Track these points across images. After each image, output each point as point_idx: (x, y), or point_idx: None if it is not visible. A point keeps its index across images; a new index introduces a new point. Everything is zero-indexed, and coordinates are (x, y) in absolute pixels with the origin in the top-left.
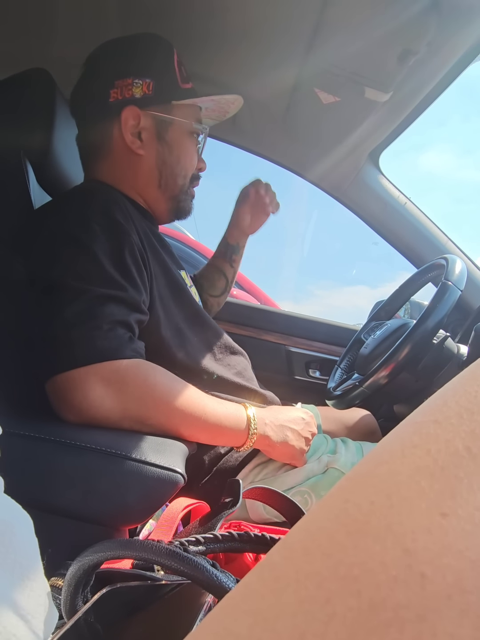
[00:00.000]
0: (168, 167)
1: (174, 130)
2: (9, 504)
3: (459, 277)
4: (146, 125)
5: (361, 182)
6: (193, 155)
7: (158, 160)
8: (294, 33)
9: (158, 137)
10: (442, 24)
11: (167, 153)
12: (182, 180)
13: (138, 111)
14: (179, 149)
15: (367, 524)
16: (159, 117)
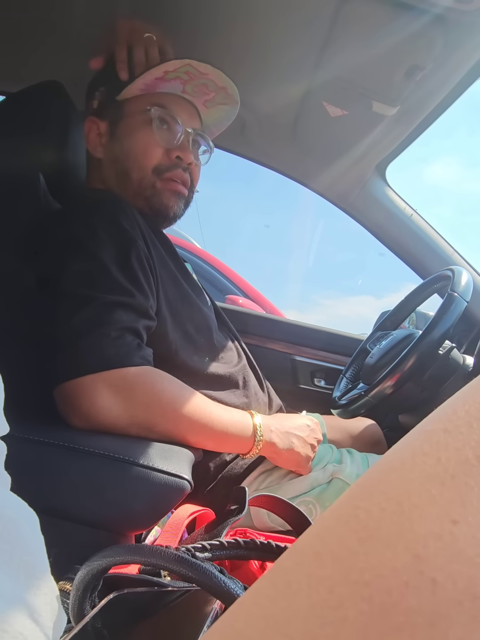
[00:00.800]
0: (120, 163)
1: (124, 125)
2: (16, 502)
3: (465, 289)
4: (103, 131)
5: (368, 194)
6: (148, 145)
7: (112, 159)
8: (302, 47)
9: (111, 137)
10: (448, 39)
11: (118, 149)
12: (137, 173)
13: (94, 119)
14: (129, 142)
15: (378, 530)
16: (112, 118)
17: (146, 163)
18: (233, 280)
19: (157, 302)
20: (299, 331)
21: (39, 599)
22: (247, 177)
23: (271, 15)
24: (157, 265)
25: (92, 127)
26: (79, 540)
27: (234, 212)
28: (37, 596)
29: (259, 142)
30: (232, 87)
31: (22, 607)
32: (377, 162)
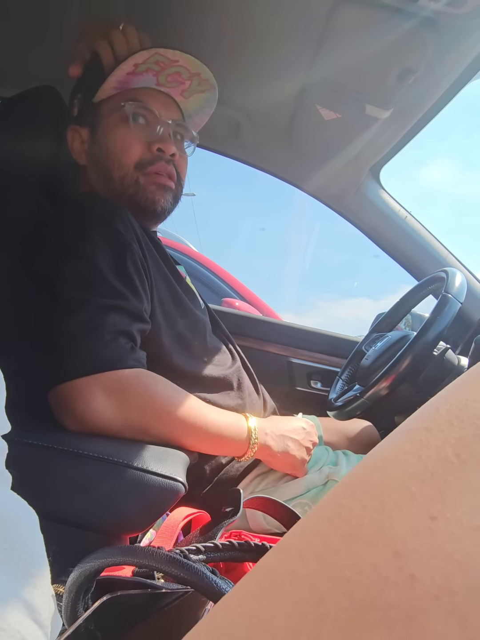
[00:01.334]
0: (101, 165)
1: (102, 127)
2: (16, 500)
3: (459, 290)
4: (84, 137)
5: (362, 196)
6: (125, 141)
7: (94, 162)
8: (295, 51)
9: (92, 142)
10: (440, 43)
11: (98, 151)
12: (118, 172)
13: (75, 127)
14: (106, 142)
15: (360, 528)
16: (91, 122)
17: (126, 160)
18: (229, 283)
19: (151, 305)
20: (295, 333)
21: (37, 597)
22: (242, 181)
23: (264, 19)
24: (151, 268)
25: (74, 136)
26: (73, 543)
27: (230, 215)
28: (35, 595)
29: (253, 145)
30: (205, 71)
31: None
32: (371, 165)
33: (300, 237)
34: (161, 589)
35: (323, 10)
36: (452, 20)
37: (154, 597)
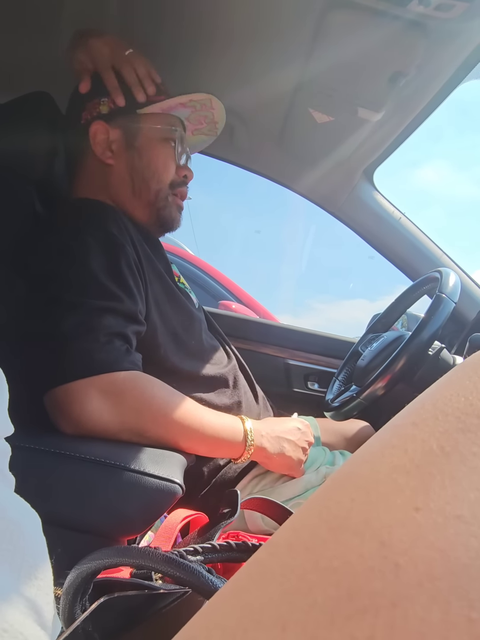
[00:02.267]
0: (138, 172)
1: (143, 137)
2: (19, 502)
3: (453, 290)
4: (115, 137)
5: (356, 198)
6: (167, 161)
7: (127, 166)
8: (287, 55)
9: (127, 146)
10: (430, 46)
11: (137, 158)
12: (157, 185)
13: (105, 125)
14: (149, 154)
15: (347, 520)
16: (127, 127)
17: (165, 177)
18: (226, 286)
19: (146, 307)
20: (292, 335)
21: (40, 598)
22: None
23: (256, 24)
24: (145, 268)
25: (100, 130)
26: (72, 546)
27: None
28: (38, 596)
29: (247, 148)
30: (222, 122)
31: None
32: (364, 167)
33: (295, 239)
34: (159, 590)
35: (314, 15)
36: (442, 24)
37: (152, 598)
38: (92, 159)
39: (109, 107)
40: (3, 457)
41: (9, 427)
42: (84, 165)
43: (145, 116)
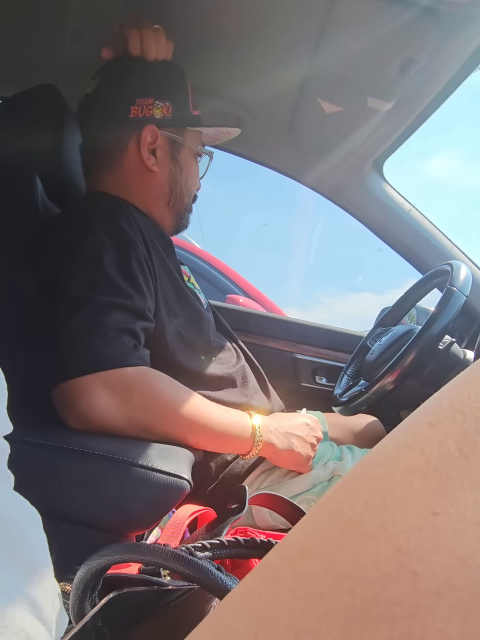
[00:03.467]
0: (178, 186)
1: (184, 152)
2: (18, 500)
3: (464, 283)
4: (161, 145)
5: (365, 190)
6: (197, 176)
7: (170, 178)
8: (295, 44)
9: (171, 157)
10: (442, 33)
11: (178, 173)
12: (188, 199)
13: (157, 130)
14: (187, 170)
15: (361, 524)
16: (174, 139)
17: (193, 191)
18: (233, 280)
19: (155, 304)
20: (299, 329)
21: (41, 595)
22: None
23: (263, 12)
24: (156, 265)
25: (151, 135)
26: (80, 542)
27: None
28: (39, 592)
29: (254, 140)
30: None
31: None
32: (373, 158)
33: (303, 232)
34: (167, 585)
35: (323, 2)
36: (454, 10)
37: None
38: (132, 158)
39: (163, 114)
40: (2, 455)
41: (8, 426)
42: (119, 161)
43: (189, 132)
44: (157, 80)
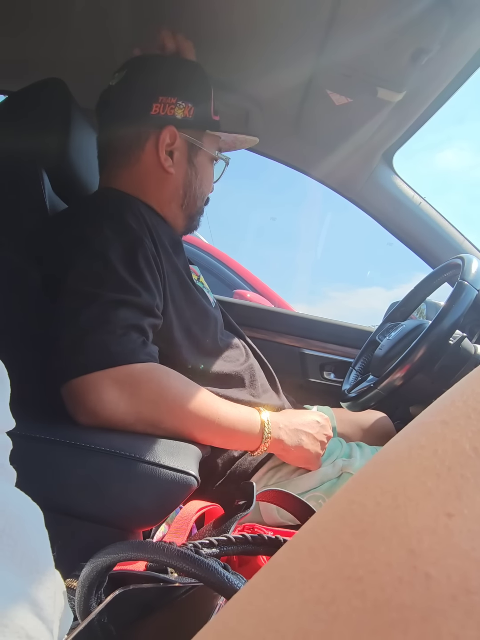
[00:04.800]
0: (192, 189)
1: (201, 156)
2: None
3: (476, 277)
4: (179, 147)
5: (375, 183)
6: (211, 180)
7: (185, 181)
8: (304, 35)
9: (188, 160)
10: (454, 22)
11: (194, 176)
12: (201, 202)
13: (176, 132)
14: (202, 174)
15: (373, 525)
16: (192, 142)
17: (206, 194)
18: (241, 275)
19: (163, 301)
20: (307, 324)
21: (42, 593)
22: (252, 169)
23: (272, 4)
24: (164, 263)
25: (170, 136)
26: (87, 538)
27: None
28: (40, 591)
29: (263, 133)
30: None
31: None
32: (383, 150)
33: (311, 226)
34: (174, 583)
35: None
36: None
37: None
38: (150, 157)
39: (184, 115)
40: (3, 451)
41: (10, 421)
42: (136, 158)
43: (208, 136)
44: (182, 80)
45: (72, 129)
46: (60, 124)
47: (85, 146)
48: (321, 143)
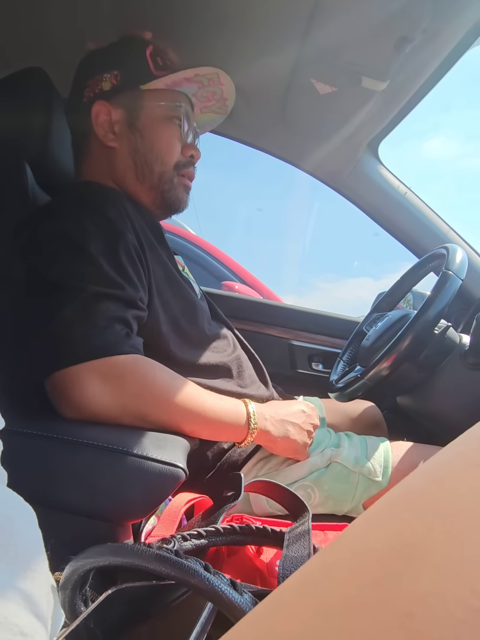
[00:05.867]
0: (141, 155)
1: (145, 117)
2: (11, 497)
3: (460, 266)
4: (117, 118)
5: (360, 173)
6: (171, 141)
7: (130, 149)
8: (288, 23)
9: (129, 127)
10: (437, 10)
11: (139, 141)
12: (160, 167)
13: (107, 105)
14: (151, 135)
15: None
16: (129, 106)
17: (169, 158)
18: (229, 266)
19: (148, 294)
20: (295, 315)
21: (35, 591)
22: (237, 160)
23: None
24: (148, 255)
25: (101, 111)
26: (76, 531)
27: (226, 196)
28: (33, 589)
29: (248, 123)
30: (232, 100)
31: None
32: (368, 140)
33: (298, 217)
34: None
35: None
36: None
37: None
38: (95, 141)
39: (111, 84)
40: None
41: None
42: (87, 148)
43: (149, 93)
44: (102, 56)
45: (53, 119)
46: (41, 113)
47: (67, 137)
48: (307, 133)
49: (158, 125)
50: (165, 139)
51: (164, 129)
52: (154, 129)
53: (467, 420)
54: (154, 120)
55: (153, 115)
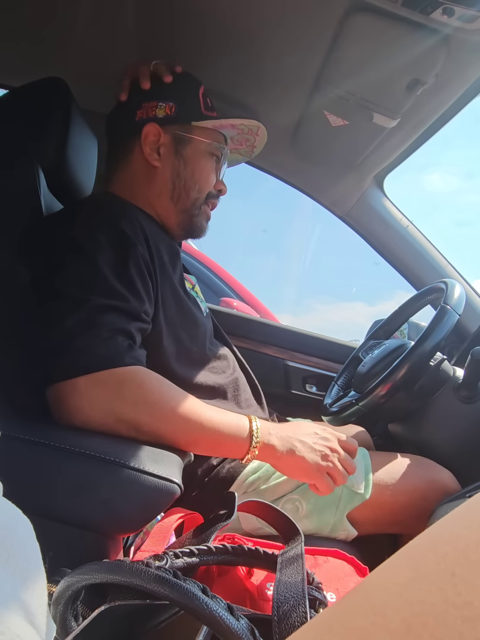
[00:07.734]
0: (182, 179)
1: (191, 148)
2: (9, 508)
3: (458, 302)
4: (165, 142)
5: (365, 204)
6: (209, 173)
7: (172, 172)
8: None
9: (175, 153)
10: (450, 57)
11: (182, 167)
12: (196, 194)
13: (158, 128)
14: (193, 164)
15: None
16: (178, 135)
17: (204, 187)
18: (229, 283)
19: (154, 308)
20: (292, 337)
21: (34, 601)
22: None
23: (275, 23)
24: (157, 271)
25: (152, 132)
26: (66, 541)
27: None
28: (33, 599)
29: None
30: (260, 149)
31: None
32: (375, 173)
33: (301, 240)
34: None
35: (336, 17)
36: (464, 35)
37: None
38: (138, 157)
39: (166, 113)
40: None
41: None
42: (128, 160)
43: (197, 129)
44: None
45: (71, 129)
46: (59, 123)
47: (83, 147)
48: (316, 161)
49: (201, 157)
50: (205, 171)
51: (206, 163)
52: (197, 159)
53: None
54: (199, 153)
55: (198, 149)
